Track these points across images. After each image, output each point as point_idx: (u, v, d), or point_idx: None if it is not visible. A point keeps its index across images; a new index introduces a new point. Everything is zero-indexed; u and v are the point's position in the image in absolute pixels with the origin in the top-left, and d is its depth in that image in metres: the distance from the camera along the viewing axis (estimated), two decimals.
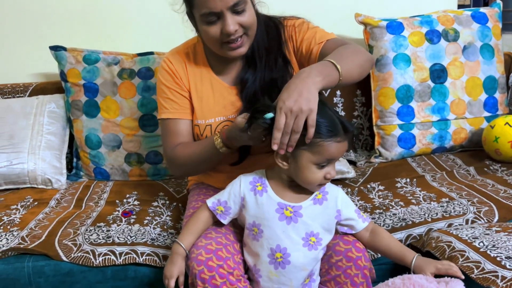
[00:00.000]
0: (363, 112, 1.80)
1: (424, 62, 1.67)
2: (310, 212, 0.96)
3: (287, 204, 0.96)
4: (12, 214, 1.36)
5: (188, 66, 1.20)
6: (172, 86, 1.19)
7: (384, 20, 1.71)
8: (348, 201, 1.01)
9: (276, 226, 0.95)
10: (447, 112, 1.67)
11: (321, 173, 0.93)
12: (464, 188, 1.35)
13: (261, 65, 1.14)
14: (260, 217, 0.96)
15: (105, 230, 1.24)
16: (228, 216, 1.01)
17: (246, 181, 0.99)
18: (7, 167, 1.55)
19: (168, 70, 1.19)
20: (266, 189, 0.98)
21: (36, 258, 1.16)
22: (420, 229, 1.17)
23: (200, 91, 1.19)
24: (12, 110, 1.66)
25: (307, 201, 0.97)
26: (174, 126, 1.18)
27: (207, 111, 1.17)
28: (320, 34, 1.14)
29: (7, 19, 1.82)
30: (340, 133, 0.91)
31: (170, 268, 0.98)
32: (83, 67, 1.66)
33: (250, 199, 0.98)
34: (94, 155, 1.66)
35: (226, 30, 1.03)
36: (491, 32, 1.72)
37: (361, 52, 1.06)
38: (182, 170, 1.20)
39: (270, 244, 0.95)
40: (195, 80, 1.20)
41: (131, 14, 1.86)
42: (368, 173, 1.58)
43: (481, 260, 0.95)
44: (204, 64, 1.20)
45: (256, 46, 1.13)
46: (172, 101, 1.18)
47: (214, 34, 1.05)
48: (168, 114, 1.18)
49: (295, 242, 0.95)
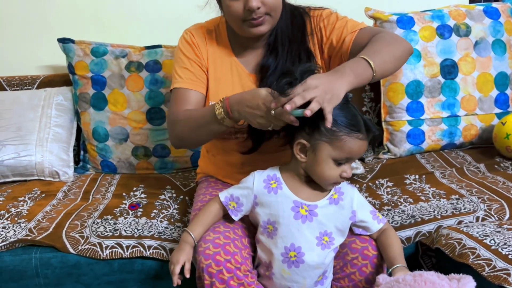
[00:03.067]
0: (371, 108, 1.78)
1: (435, 57, 1.65)
2: (326, 212, 0.95)
3: (303, 203, 0.94)
4: (20, 206, 1.37)
5: (208, 43, 1.17)
6: (192, 56, 1.16)
7: (394, 15, 1.69)
8: (364, 202, 1.00)
9: (291, 224, 0.93)
10: (457, 108, 1.65)
11: (338, 170, 0.92)
12: (474, 185, 1.33)
13: (283, 53, 1.11)
14: (275, 214, 0.94)
15: (112, 223, 1.24)
16: (240, 213, 0.99)
17: (260, 178, 0.97)
18: (14, 159, 1.55)
19: (190, 41, 1.17)
20: (281, 186, 0.96)
21: (43, 250, 1.16)
22: (430, 226, 1.15)
23: (219, 71, 1.16)
24: (20, 102, 1.66)
25: (323, 200, 0.95)
26: (186, 94, 1.13)
27: (223, 93, 1.11)
28: (351, 24, 1.11)
29: (15, 12, 1.82)
30: (362, 130, 0.90)
31: (177, 254, 0.97)
32: (91, 60, 1.65)
33: (264, 197, 0.96)
34: (101, 148, 1.66)
35: (249, 6, 1.01)
36: (504, 27, 1.69)
37: (397, 41, 1.02)
38: (180, 136, 1.11)
39: (284, 243, 0.94)
40: (214, 58, 1.17)
41: (139, 7, 1.85)
42: (376, 169, 1.56)
43: (492, 258, 0.94)
44: (225, 46, 1.17)
45: (280, 33, 1.11)
46: (189, 71, 1.15)
47: (236, 10, 1.03)
48: (182, 83, 1.14)
49: (309, 241, 0.94)
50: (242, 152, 1.13)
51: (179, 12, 1.83)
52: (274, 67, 1.10)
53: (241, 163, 1.17)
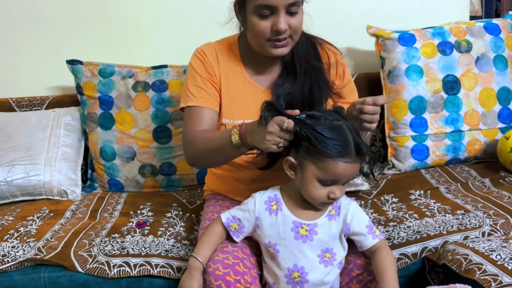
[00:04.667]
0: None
1: (437, 73, 1.67)
2: (325, 229, 0.95)
3: (302, 222, 0.94)
4: (29, 225, 1.38)
5: (220, 61, 1.18)
6: (204, 74, 1.16)
7: (396, 32, 1.72)
8: (360, 215, 0.97)
9: (292, 245, 0.93)
10: (461, 123, 1.66)
11: (324, 190, 0.91)
12: (479, 200, 1.33)
13: (301, 72, 1.13)
14: (276, 236, 0.95)
15: (120, 241, 1.25)
16: (241, 235, 1.00)
17: (261, 200, 0.97)
18: (23, 179, 1.57)
19: (202, 59, 1.18)
20: (281, 207, 0.96)
21: (52, 268, 1.17)
22: (436, 241, 1.15)
23: (232, 90, 1.16)
24: (30, 122, 1.69)
25: (322, 218, 0.95)
26: (200, 113, 1.14)
27: (237, 112, 1.13)
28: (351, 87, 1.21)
29: (24, 33, 1.87)
30: (350, 154, 0.88)
31: (189, 282, 0.95)
32: (98, 80, 1.69)
33: (265, 219, 0.96)
34: (109, 167, 1.68)
35: (277, 27, 1.03)
36: (504, 43, 1.71)
37: None
38: (195, 156, 1.12)
39: (287, 264, 0.94)
40: (227, 76, 1.17)
41: (146, 29, 1.89)
42: (381, 185, 1.57)
43: (499, 273, 0.94)
44: (238, 64, 1.18)
45: (296, 53, 1.13)
46: (201, 89, 1.15)
47: (263, 29, 1.04)
48: (196, 101, 1.14)
49: (311, 260, 0.94)
50: (259, 167, 1.12)
51: (185, 33, 1.87)
52: (291, 84, 1.11)
53: (250, 179, 1.17)
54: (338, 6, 1.92)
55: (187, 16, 1.88)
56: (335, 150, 0.87)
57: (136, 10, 1.88)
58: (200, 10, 1.87)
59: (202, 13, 1.86)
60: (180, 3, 1.88)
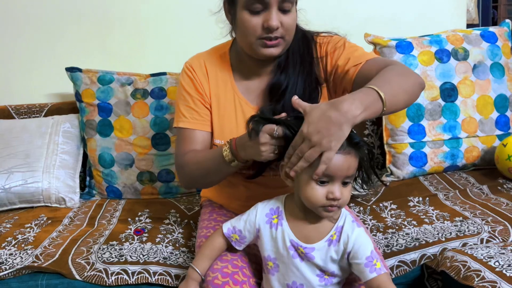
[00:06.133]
0: (373, 131, 1.80)
1: (434, 81, 1.68)
2: (323, 254, 0.89)
3: (299, 244, 0.89)
4: (27, 233, 1.38)
5: (210, 74, 1.14)
6: (194, 94, 1.13)
7: (393, 40, 1.73)
8: (362, 244, 0.87)
9: (290, 262, 0.90)
10: (458, 131, 1.67)
11: (322, 190, 0.84)
12: (477, 207, 1.33)
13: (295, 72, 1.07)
14: (275, 251, 0.92)
15: (118, 248, 1.25)
16: (243, 244, 0.98)
17: (263, 212, 0.94)
18: (22, 186, 1.57)
19: (191, 77, 1.14)
20: (282, 222, 0.92)
21: (50, 276, 1.16)
22: (434, 248, 1.15)
23: (223, 108, 1.12)
24: (28, 130, 1.69)
25: (321, 242, 0.89)
26: (191, 135, 1.12)
27: (228, 132, 1.10)
28: (359, 53, 1.06)
29: (24, 41, 1.88)
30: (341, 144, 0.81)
31: None
32: (97, 87, 1.69)
33: (265, 232, 0.93)
34: (107, 174, 1.68)
35: (269, 24, 0.98)
36: (501, 51, 1.73)
37: (409, 74, 0.95)
38: (190, 179, 1.11)
39: (286, 280, 0.91)
40: (217, 92, 1.14)
41: (145, 36, 1.90)
42: (380, 192, 1.57)
43: (497, 279, 0.94)
44: (228, 75, 1.14)
45: (291, 54, 1.08)
46: (193, 110, 1.13)
47: (254, 25, 0.99)
48: (188, 123, 1.13)
49: (310, 279, 0.90)
50: (246, 177, 1.10)
51: (183, 41, 1.88)
52: (285, 86, 1.06)
53: (246, 196, 1.15)
54: (336, 14, 1.93)
55: (186, 24, 1.90)
56: None
57: (135, 18, 1.89)
58: (199, 18, 1.88)
59: (201, 21, 1.86)
60: (179, 11, 1.90)
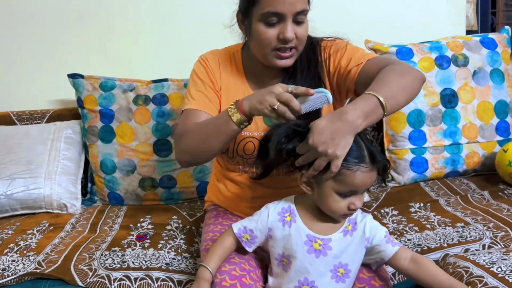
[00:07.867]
0: (374, 137, 1.81)
1: (435, 87, 1.69)
2: (340, 245, 0.92)
3: (316, 237, 0.92)
4: (29, 239, 1.38)
5: (222, 69, 1.17)
6: (206, 80, 1.15)
7: (393, 46, 1.74)
8: (377, 226, 0.95)
9: (305, 258, 0.91)
10: (459, 136, 1.67)
11: (344, 202, 0.89)
12: (479, 213, 1.34)
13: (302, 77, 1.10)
14: (289, 248, 0.93)
15: (120, 254, 1.25)
16: (254, 245, 0.98)
17: (275, 211, 0.96)
18: (23, 192, 1.57)
19: (205, 65, 1.17)
20: (295, 219, 0.94)
21: (52, 282, 1.16)
22: (436, 254, 1.16)
23: (232, 99, 1.10)
24: (30, 136, 1.69)
25: (337, 233, 0.93)
26: (197, 114, 1.11)
27: None
28: (360, 54, 1.09)
29: (26, 47, 1.89)
30: (365, 162, 0.87)
31: None
32: (99, 94, 1.70)
33: (278, 231, 0.94)
34: (109, 180, 1.68)
35: (285, 36, 1.00)
36: (501, 57, 1.74)
37: (408, 72, 0.99)
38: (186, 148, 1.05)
39: (298, 276, 0.92)
40: (228, 85, 1.16)
41: (147, 43, 1.91)
42: (381, 198, 1.57)
43: (500, 285, 0.94)
44: (239, 74, 1.17)
45: (299, 60, 1.10)
46: (203, 94, 1.14)
47: (269, 37, 1.01)
48: (195, 105, 1.12)
49: (323, 275, 0.92)
50: (252, 178, 1.11)
51: (185, 47, 1.89)
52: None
53: (251, 197, 1.16)
54: (336, 20, 1.93)
55: (187, 31, 1.91)
56: (352, 160, 0.86)
57: (137, 25, 1.90)
58: (201, 24, 1.89)
59: (203, 28, 1.88)
60: (180, 17, 1.91)
